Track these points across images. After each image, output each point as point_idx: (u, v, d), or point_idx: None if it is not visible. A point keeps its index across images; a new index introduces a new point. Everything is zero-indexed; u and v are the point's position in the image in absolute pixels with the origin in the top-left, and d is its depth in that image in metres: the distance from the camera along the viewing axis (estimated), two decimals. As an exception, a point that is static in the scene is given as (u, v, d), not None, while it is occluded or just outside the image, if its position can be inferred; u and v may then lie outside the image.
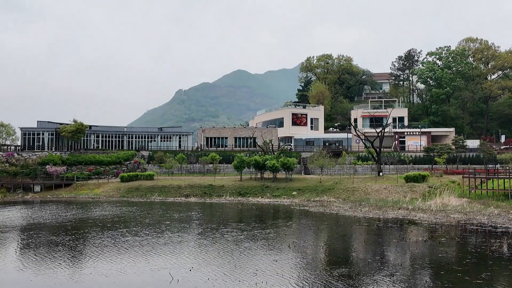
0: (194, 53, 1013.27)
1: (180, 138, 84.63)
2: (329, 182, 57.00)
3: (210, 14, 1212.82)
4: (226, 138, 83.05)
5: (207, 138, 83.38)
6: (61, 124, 77.48)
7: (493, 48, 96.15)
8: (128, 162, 72.41)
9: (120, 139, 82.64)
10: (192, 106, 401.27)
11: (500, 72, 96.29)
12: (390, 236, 26.71)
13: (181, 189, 57.65)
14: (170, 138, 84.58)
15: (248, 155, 66.82)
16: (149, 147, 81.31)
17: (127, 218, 35.61)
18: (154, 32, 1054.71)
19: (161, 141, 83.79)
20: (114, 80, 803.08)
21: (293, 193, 54.54)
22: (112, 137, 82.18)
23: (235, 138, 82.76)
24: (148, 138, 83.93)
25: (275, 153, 66.03)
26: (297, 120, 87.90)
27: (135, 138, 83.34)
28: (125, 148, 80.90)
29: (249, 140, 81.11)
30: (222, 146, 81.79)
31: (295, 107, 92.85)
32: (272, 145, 72.33)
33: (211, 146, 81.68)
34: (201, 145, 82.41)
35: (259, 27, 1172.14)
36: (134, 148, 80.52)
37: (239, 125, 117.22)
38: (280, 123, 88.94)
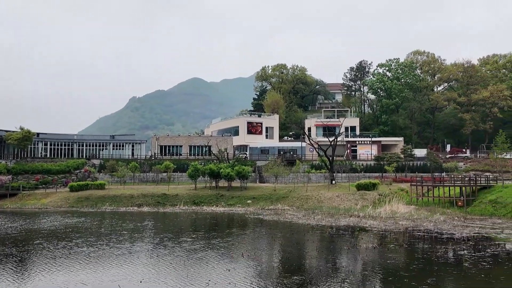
0: (149, 60, 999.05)
1: (133, 146, 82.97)
2: (284, 190, 57.50)
3: (167, 21, 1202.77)
4: (181, 146, 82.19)
5: (161, 147, 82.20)
6: (6, 131, 74.01)
7: (439, 61, 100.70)
8: (78, 171, 70.14)
9: (70, 147, 80.00)
10: (146, 113, 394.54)
11: (446, 84, 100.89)
12: (342, 243, 27.23)
13: (134, 198, 56.41)
14: (123, 146, 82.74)
15: (203, 163, 66.41)
16: (101, 156, 79.15)
17: (77, 229, 34.41)
18: (108, 37, 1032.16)
19: (113, 149, 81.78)
20: (65, 86, 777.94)
21: (248, 201, 54.60)
22: (61, 145, 79.43)
23: (190, 147, 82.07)
24: (99, 146, 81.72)
25: (230, 162, 66.00)
26: (253, 129, 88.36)
27: (86, 146, 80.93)
28: (75, 157, 78.34)
29: (204, 148, 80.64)
30: (176, 155, 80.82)
31: (251, 115, 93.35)
32: (227, 153, 72.27)
33: (165, 155, 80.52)
34: (155, 153, 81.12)
35: (215, 35, 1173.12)
36: (84, 157, 78.13)
37: (194, 133, 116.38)
38: (235, 131, 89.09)
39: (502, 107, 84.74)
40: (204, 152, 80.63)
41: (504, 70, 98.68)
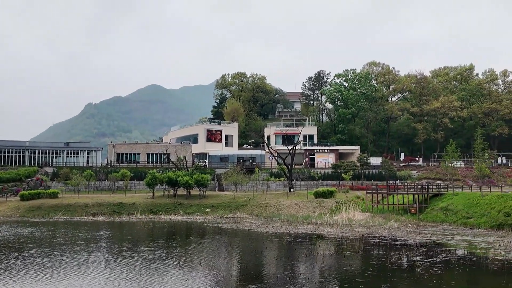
0: (107, 66, 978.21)
1: (88, 153, 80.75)
2: (243, 199, 57.50)
3: (126, 26, 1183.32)
4: (139, 154, 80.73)
5: (118, 154, 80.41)
6: (-49, 138, 70.33)
7: (393, 72, 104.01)
8: (29, 179, 67.47)
9: (21, 155, 76.91)
10: (102, 120, 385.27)
11: (400, 94, 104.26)
12: (299, 251, 27.49)
13: (88, 207, 54.80)
14: (78, 153, 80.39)
15: (161, 171, 65.45)
16: (54, 163, 76.49)
17: (30, 239, 33.02)
18: (64, 42, 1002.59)
19: (67, 156, 79.29)
20: (19, 92, 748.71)
21: (206, 210, 54.22)
22: (11, 152, 76.21)
23: (148, 154, 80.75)
24: (52, 153, 79.01)
25: (189, 170, 65.40)
26: (212, 137, 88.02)
27: (38, 153, 78.04)
28: (26, 164, 75.35)
29: (162, 156, 79.53)
30: (134, 162, 79.27)
31: (210, 123, 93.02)
32: (186, 161, 71.58)
33: (122, 162, 78.81)
34: (111, 161, 79.24)
35: (176, 42, 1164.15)
36: (36, 164, 75.26)
37: (153, 140, 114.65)
38: (194, 139, 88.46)
39: (452, 118, 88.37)
40: (162, 160, 79.53)
41: (454, 82, 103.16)
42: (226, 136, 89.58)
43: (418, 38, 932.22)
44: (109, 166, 76.78)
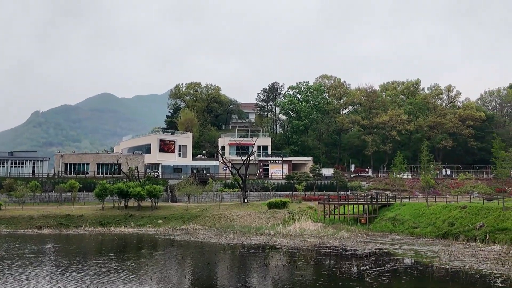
0: (56, 73, 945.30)
1: (34, 163, 77.37)
2: (196, 210, 56.95)
3: (78, 33, 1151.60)
4: (88, 164, 78.25)
5: (66, 164, 77.58)
6: None
7: (344, 85, 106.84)
8: (-31, 191, 63.80)
9: (-40, 164, 72.65)
10: (50, 129, 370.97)
11: (351, 107, 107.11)
12: (252, 262, 27.48)
13: (34, 220, 52.41)
14: (23, 163, 76.85)
15: (111, 182, 63.74)
16: (-3, 174, 72.75)
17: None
18: (11, 48, 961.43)
19: (11, 167, 75.62)
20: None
21: (158, 221, 53.22)
22: (-50, 161, 71.87)
23: (98, 165, 78.44)
24: (-5, 163, 75.11)
25: (141, 180, 64.09)
26: (165, 147, 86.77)
27: (-20, 163, 73.97)
28: (-34, 175, 71.25)
29: (113, 166, 77.53)
30: (83, 173, 76.74)
31: (163, 133, 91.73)
32: (138, 172, 70.11)
33: (70, 173, 76.08)
34: (58, 171, 76.34)
35: (129, 50, 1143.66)
36: (-23, 175, 71.31)
37: (103, 150, 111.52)
38: (147, 149, 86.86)
39: (400, 130, 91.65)
40: (113, 170, 77.47)
41: (402, 96, 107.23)
42: (179, 146, 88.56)
43: (368, 53, 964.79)
44: (56, 176, 73.93)
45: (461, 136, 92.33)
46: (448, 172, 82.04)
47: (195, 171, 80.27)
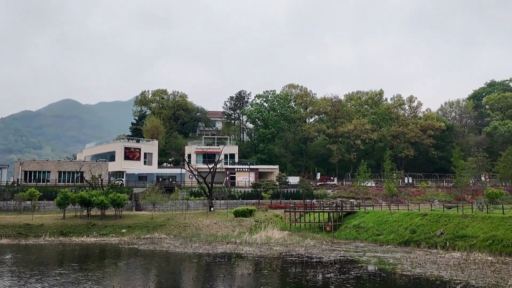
0: (17, 78, 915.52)
1: (-8, 171, 74.52)
2: (161, 218, 56.18)
3: (41, 38, 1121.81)
4: (49, 172, 76.01)
5: (25, 172, 75.12)
6: None
7: (311, 94, 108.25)
8: None
9: None
10: (10, 135, 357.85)
11: (317, 116, 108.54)
12: (218, 271, 27.30)
13: (-10, 230, 50.36)
14: (-20, 171, 73.90)
15: (73, 190, 62.11)
16: (-49, 182, 69.69)
17: None
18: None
19: (-33, 174, 72.62)
20: None
21: (122, 230, 52.15)
22: None
23: (60, 173, 76.30)
24: (-50, 170, 71.96)
25: (105, 189, 62.73)
26: (130, 155, 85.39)
27: None
28: None
29: (75, 174, 75.62)
30: (43, 181, 74.44)
31: (129, 140, 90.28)
32: (102, 180, 68.59)
33: (30, 181, 73.67)
34: (18, 179, 73.81)
35: (94, 56, 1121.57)
36: None
37: (65, 158, 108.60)
38: (111, 157, 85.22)
39: (364, 139, 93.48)
40: (75, 178, 75.56)
41: (366, 105, 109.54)
42: (145, 154, 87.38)
43: (333, 62, 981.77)
44: (15, 185, 71.44)
45: (422, 146, 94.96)
46: (410, 181, 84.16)
47: (160, 179, 79.26)
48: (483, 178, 62.07)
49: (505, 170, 39.96)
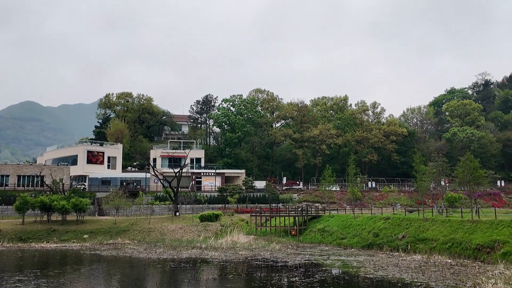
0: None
1: None
2: (125, 224, 55.16)
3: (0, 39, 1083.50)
4: (8, 176, 73.31)
5: (-18, 176, 72.23)
6: None
7: (277, 99, 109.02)
8: None
9: None
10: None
11: (283, 121, 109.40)
12: (182, 277, 27.01)
13: None
14: None
15: (33, 195, 60.18)
16: None
17: None
18: None
19: None
20: None
21: (84, 236, 50.87)
22: None
23: (19, 176, 73.75)
24: None
25: (66, 193, 61.08)
26: (93, 158, 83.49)
27: None
28: None
29: (35, 178, 73.27)
30: (2, 185, 71.70)
31: (92, 144, 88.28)
32: (63, 184, 66.78)
33: (-13, 185, 70.90)
34: (-26, 183, 70.89)
35: (56, 58, 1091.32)
36: None
37: (25, 161, 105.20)
38: (73, 160, 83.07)
39: (329, 144, 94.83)
40: (36, 182, 73.22)
41: (331, 111, 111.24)
42: (109, 158, 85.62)
43: (300, 68, 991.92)
44: (-29, 189, 68.58)
45: (385, 151, 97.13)
46: (374, 185, 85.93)
47: (124, 183, 77.83)
48: (442, 183, 64.02)
49: (463, 175, 41.28)
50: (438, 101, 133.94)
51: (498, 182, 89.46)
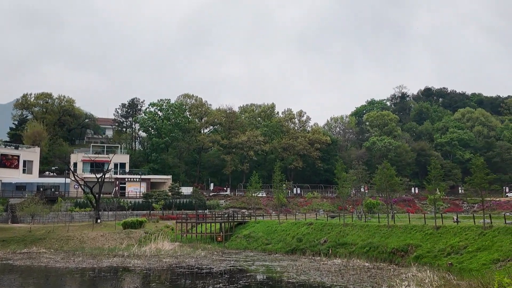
0: None
1: None
2: (41, 231, 52.14)
3: None
4: None
5: None
6: None
7: (206, 105, 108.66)
8: None
9: None
10: None
11: (211, 127, 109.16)
12: (102, 286, 26.05)
13: None
14: None
15: None
16: None
17: None
18: None
19: None
20: None
21: (-6, 245, 47.33)
22: None
23: None
24: None
25: (-25, 200, 56.57)
26: (7, 162, 78.07)
27: None
28: None
29: None
30: None
31: (6, 147, 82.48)
32: (-28, 189, 61.82)
33: None
34: None
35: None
36: None
37: None
38: (-16, 164, 77.11)
39: (256, 151, 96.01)
40: None
41: (259, 118, 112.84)
42: (24, 161, 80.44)
43: (229, 75, 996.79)
44: None
45: (310, 158, 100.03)
46: (298, 191, 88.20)
47: (42, 189, 73.49)
48: (362, 189, 67.25)
49: (381, 182, 43.73)
50: (359, 111, 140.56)
51: (412, 189, 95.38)
